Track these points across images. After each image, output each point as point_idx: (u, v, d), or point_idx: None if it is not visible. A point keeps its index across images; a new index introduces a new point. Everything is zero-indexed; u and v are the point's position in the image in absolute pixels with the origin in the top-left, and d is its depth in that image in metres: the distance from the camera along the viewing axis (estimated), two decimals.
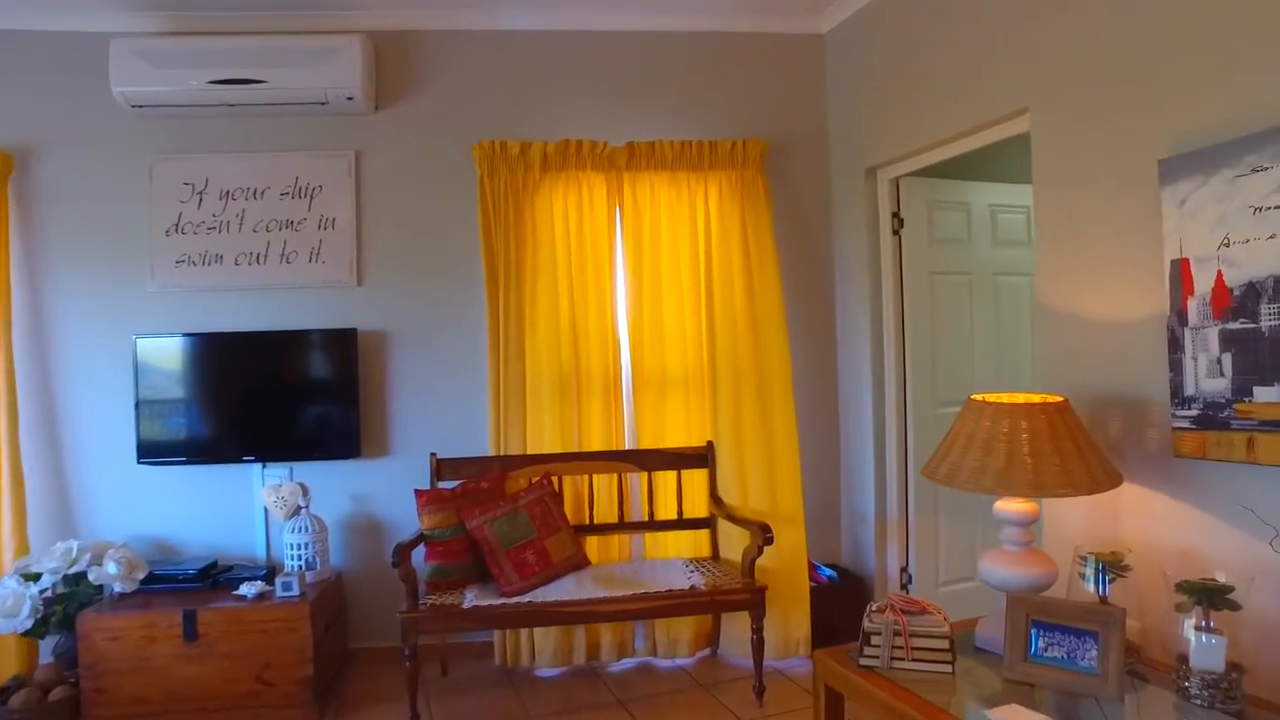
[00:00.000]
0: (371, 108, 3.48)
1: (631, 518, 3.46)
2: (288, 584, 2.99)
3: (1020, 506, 2.12)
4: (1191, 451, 2.01)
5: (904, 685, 1.89)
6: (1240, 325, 1.89)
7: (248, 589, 2.99)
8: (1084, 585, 2.01)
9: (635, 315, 3.51)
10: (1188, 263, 2.01)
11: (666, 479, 3.49)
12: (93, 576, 2.94)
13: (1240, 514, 1.92)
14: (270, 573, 3.20)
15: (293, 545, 3.17)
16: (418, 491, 3.17)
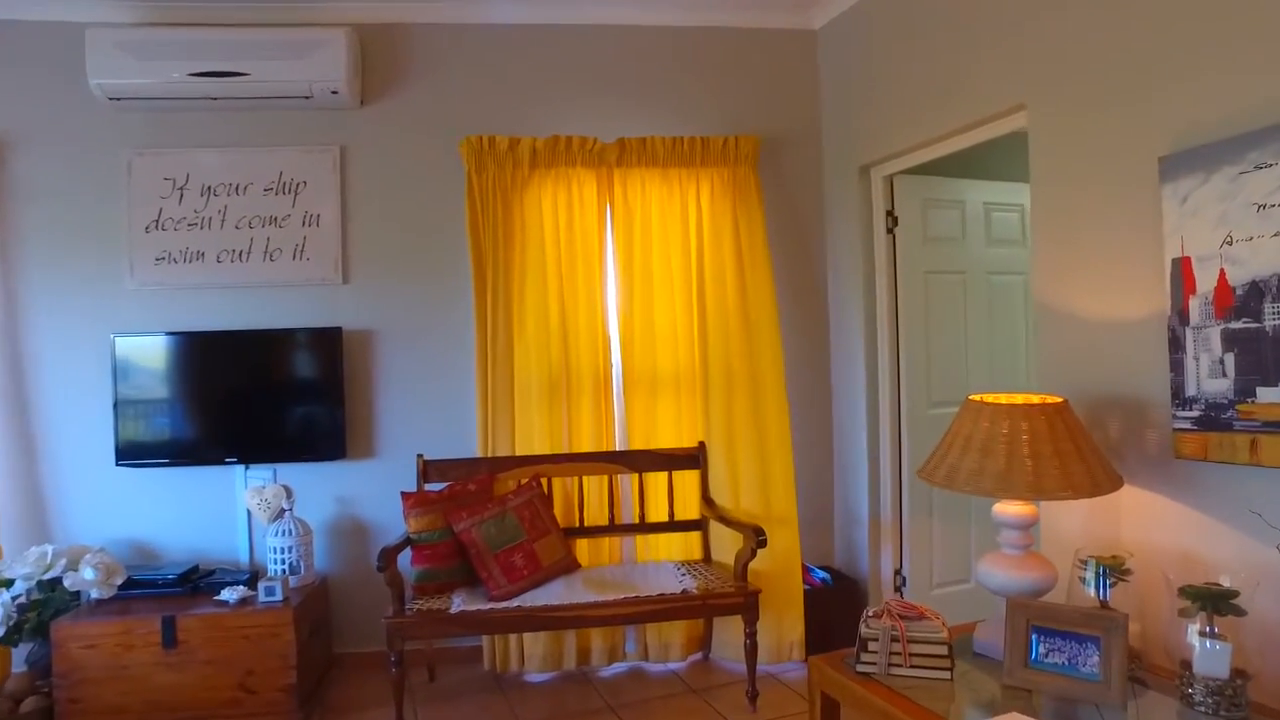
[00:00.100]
0: (357, 102, 3.42)
1: (622, 520, 3.41)
2: (271, 589, 2.93)
3: (1020, 509, 2.09)
4: (1193, 453, 1.98)
5: (902, 692, 1.86)
6: (1243, 324, 1.86)
7: (229, 594, 2.93)
8: (1084, 589, 1.98)
9: (626, 314, 3.46)
10: (1189, 261, 1.98)
11: (658, 480, 3.44)
12: (68, 582, 2.87)
13: (1242, 517, 1.89)
14: (253, 577, 3.14)
15: (276, 549, 3.11)
16: (404, 494, 3.12)
